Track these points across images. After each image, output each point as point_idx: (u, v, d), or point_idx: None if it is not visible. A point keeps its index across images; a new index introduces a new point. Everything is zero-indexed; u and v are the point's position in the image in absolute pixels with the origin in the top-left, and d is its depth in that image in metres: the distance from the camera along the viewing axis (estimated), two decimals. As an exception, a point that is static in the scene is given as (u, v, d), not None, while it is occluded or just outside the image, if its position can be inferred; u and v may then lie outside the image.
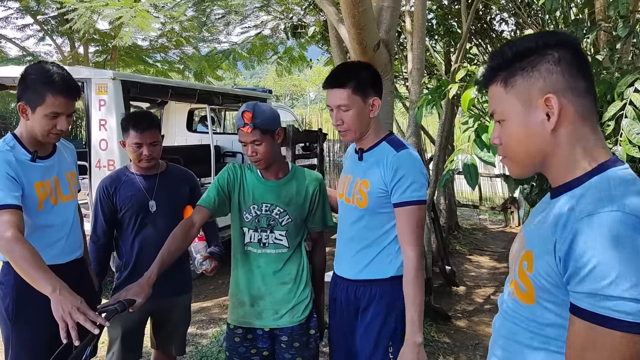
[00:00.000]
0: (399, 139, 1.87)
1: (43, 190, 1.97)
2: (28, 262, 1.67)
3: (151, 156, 2.41)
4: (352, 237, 1.90)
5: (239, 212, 2.05)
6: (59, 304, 1.57)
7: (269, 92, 7.14)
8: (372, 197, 1.81)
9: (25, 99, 1.89)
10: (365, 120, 1.81)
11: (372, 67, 1.88)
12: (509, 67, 1.03)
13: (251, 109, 1.92)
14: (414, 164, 1.78)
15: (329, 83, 1.82)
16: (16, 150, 1.93)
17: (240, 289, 2.07)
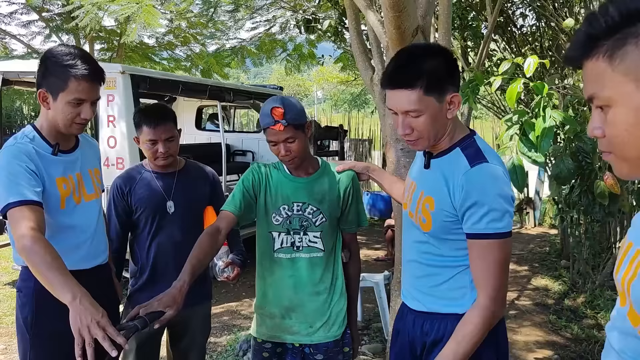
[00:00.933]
0: (477, 147, 1.42)
1: (65, 187, 1.78)
2: (47, 265, 1.47)
3: (167, 153, 2.20)
4: (416, 259, 1.55)
5: (266, 216, 1.84)
6: (78, 315, 1.37)
7: (280, 89, 6.94)
8: (437, 221, 1.43)
9: (45, 85, 1.70)
10: (442, 123, 1.41)
11: (445, 50, 1.44)
12: (616, 34, 0.76)
13: (281, 104, 1.71)
14: (492, 185, 1.36)
15: (390, 82, 1.41)
16: (36, 142, 1.75)
17: (269, 300, 1.86)
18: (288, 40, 9.29)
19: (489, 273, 1.35)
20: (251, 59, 9.86)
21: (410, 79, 1.36)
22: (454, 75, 1.41)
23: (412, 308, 1.55)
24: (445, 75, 1.39)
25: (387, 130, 2.65)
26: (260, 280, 1.91)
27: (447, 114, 1.40)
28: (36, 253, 1.49)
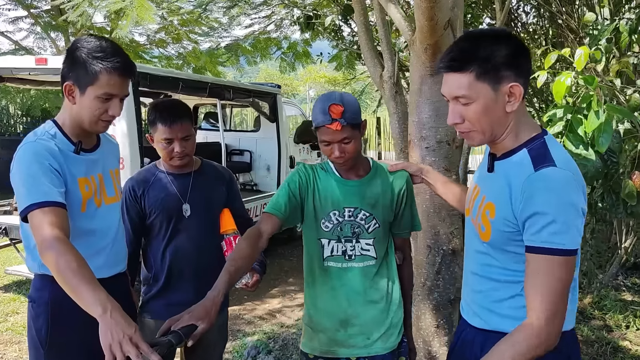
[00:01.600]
0: (546, 148, 1.25)
1: (87, 189, 1.65)
2: (75, 273, 1.33)
3: (184, 153, 2.07)
4: (476, 272, 1.41)
5: (316, 222, 1.71)
6: (109, 330, 1.24)
7: (277, 87, 6.80)
8: (496, 231, 1.29)
9: (72, 78, 1.57)
10: (498, 116, 1.25)
11: (511, 36, 1.27)
12: None
13: (340, 101, 1.57)
14: (558, 192, 1.18)
15: (444, 64, 1.28)
16: (58, 139, 1.61)
17: (321, 312, 1.73)
18: (283, 38, 9.14)
19: (545, 294, 1.17)
20: (245, 57, 9.69)
21: (461, 62, 1.23)
22: (519, 64, 1.24)
23: (472, 325, 1.41)
24: (505, 62, 1.22)
25: (410, 128, 2.53)
26: (310, 290, 1.78)
27: (506, 107, 1.24)
28: (62, 259, 1.35)
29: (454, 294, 2.56)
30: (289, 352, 3.60)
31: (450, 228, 2.53)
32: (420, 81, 2.41)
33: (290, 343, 3.76)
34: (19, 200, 1.49)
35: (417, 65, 2.39)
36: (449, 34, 2.23)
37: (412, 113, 2.51)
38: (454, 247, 2.53)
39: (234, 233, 2.17)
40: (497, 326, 1.33)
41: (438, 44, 2.20)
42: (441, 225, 2.50)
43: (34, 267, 1.65)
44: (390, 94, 3.75)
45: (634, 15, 2.82)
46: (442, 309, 2.56)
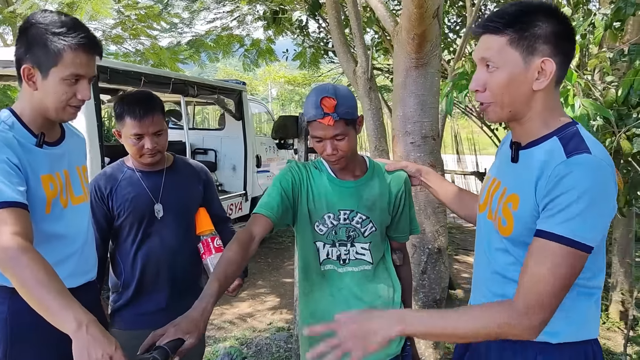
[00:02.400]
0: (581, 136, 1.13)
1: (52, 187, 1.45)
2: (42, 285, 1.16)
3: (156, 149, 1.91)
4: (494, 270, 1.27)
5: (310, 224, 1.58)
6: (86, 348, 1.09)
7: (243, 84, 6.61)
8: (520, 224, 1.16)
9: (31, 60, 1.36)
10: (523, 91, 1.14)
11: (558, 12, 1.15)
12: None
13: (333, 95, 1.45)
14: (593, 181, 1.05)
15: (481, 24, 1.17)
16: (16, 130, 1.40)
17: (319, 320, 1.59)
18: (245, 35, 8.95)
19: (542, 282, 1.06)
20: (207, 53, 9.43)
21: (498, 24, 1.13)
22: (559, 43, 1.12)
23: None
24: (545, 35, 1.11)
25: (394, 123, 2.44)
26: (306, 297, 1.65)
27: (534, 84, 1.13)
28: (25, 268, 1.17)
29: (440, 293, 2.48)
30: (263, 358, 3.45)
31: (436, 226, 2.45)
32: (405, 74, 2.32)
33: (265, 348, 3.61)
34: None
35: (402, 57, 2.30)
36: (435, 23, 2.15)
37: (395, 107, 2.42)
38: (440, 245, 2.46)
39: (212, 234, 2.02)
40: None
41: (425, 33, 2.12)
42: (427, 223, 2.42)
43: None
44: (364, 90, 3.67)
45: (609, 10, 2.82)
46: (428, 309, 2.49)
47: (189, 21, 8.62)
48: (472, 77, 1.19)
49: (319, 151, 1.54)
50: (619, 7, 2.78)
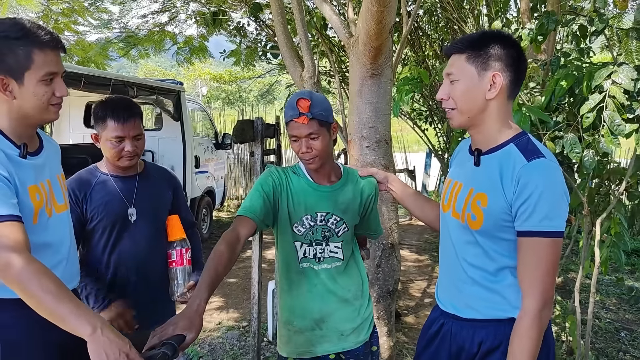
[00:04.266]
0: (534, 143, 1.39)
1: (38, 197, 1.46)
2: (53, 295, 1.20)
3: (135, 152, 1.98)
4: (464, 264, 1.48)
5: (290, 225, 1.70)
6: (103, 349, 1.15)
7: (180, 84, 6.54)
8: (489, 218, 1.38)
9: (3, 71, 1.36)
10: (479, 99, 1.38)
11: (511, 39, 1.41)
12: None
13: (308, 97, 1.60)
14: (551, 181, 1.31)
15: (449, 47, 1.44)
16: (0, 142, 1.40)
17: (297, 314, 1.72)
18: (179, 33, 8.80)
19: (538, 275, 1.30)
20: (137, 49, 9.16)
21: (461, 45, 1.41)
22: (508, 62, 1.37)
23: (462, 317, 1.48)
24: (496, 55, 1.37)
25: (351, 128, 2.61)
26: (285, 295, 1.77)
27: (487, 94, 1.38)
28: (32, 279, 1.21)
29: (393, 285, 2.69)
30: (218, 357, 3.52)
31: (389, 223, 2.65)
32: (360, 82, 2.49)
33: (218, 347, 3.67)
34: None
35: (358, 67, 2.47)
36: (389, 37, 2.34)
37: (352, 113, 2.59)
38: (393, 241, 2.66)
39: (185, 245, 2.10)
40: (491, 314, 1.42)
41: (381, 46, 2.30)
42: (382, 220, 2.61)
43: None
44: (311, 94, 3.80)
45: (534, 25, 3.15)
46: (382, 300, 2.68)
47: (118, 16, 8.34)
48: (439, 89, 1.44)
49: (295, 150, 1.67)
50: (542, 23, 3.12)
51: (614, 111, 2.65)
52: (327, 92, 6.68)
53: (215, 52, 8.64)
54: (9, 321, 1.42)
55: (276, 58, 6.70)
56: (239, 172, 10.48)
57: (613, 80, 2.65)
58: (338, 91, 6.38)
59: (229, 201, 10.03)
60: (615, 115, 2.66)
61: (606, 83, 2.66)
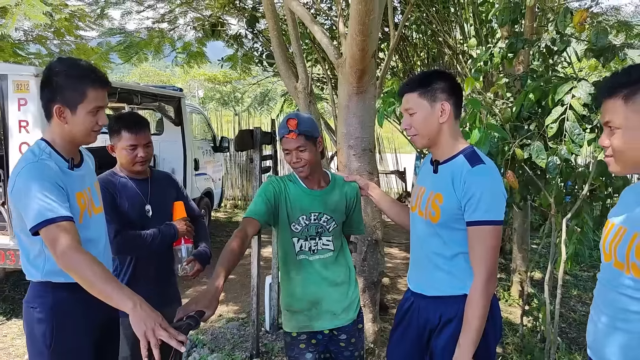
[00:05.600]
0: (477, 154, 1.75)
1: (83, 201, 1.81)
2: (100, 277, 1.52)
3: (146, 158, 2.35)
4: (427, 253, 1.83)
5: (288, 224, 2.05)
6: (142, 321, 1.44)
7: (180, 91, 6.86)
8: (445, 213, 1.74)
9: (61, 101, 1.71)
10: (434, 124, 1.76)
11: (446, 74, 1.83)
12: (631, 87, 1.26)
13: (295, 117, 1.96)
14: (489, 182, 1.68)
15: (402, 89, 1.82)
16: (53, 157, 1.75)
17: (297, 298, 2.07)
18: (178, 38, 9.10)
19: (485, 256, 1.66)
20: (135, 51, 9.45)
21: (412, 86, 1.79)
22: (451, 92, 1.76)
23: (426, 295, 1.84)
24: (441, 88, 1.76)
25: (339, 138, 2.95)
26: (286, 282, 2.11)
27: (439, 119, 1.75)
28: (86, 267, 1.53)
29: (377, 277, 3.03)
30: (221, 344, 3.85)
31: (374, 222, 2.99)
32: (347, 98, 2.84)
33: (220, 335, 4.01)
34: (29, 215, 1.60)
35: (345, 85, 2.82)
36: (373, 61, 2.68)
37: (340, 125, 2.93)
38: (377, 237, 3.00)
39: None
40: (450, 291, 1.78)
41: (365, 69, 2.64)
42: (367, 219, 2.95)
43: (36, 276, 1.78)
44: (304, 103, 4.14)
45: (505, 44, 3.50)
46: (368, 290, 3.03)
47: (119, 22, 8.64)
48: (402, 121, 1.83)
49: (287, 161, 2.03)
50: (512, 42, 3.48)
51: (574, 122, 2.98)
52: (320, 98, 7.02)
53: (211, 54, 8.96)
54: (62, 300, 1.77)
55: (271, 66, 7.02)
56: (236, 173, 10.79)
57: (573, 94, 3.00)
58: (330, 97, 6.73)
59: (225, 201, 10.35)
60: (575, 125, 3.00)
61: (567, 97, 3.01)
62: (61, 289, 1.77)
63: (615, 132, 1.30)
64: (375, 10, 2.30)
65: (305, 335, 2.09)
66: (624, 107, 1.28)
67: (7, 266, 4.00)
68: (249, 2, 6.84)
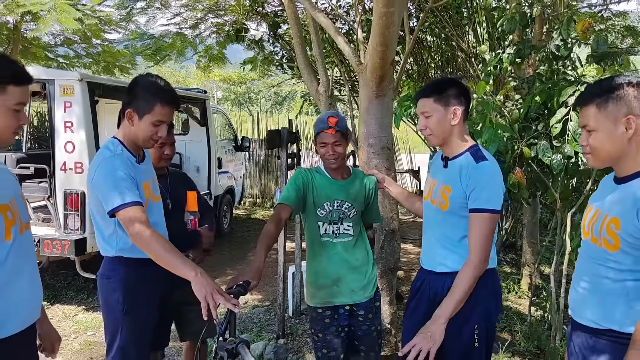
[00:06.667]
0: (482, 152, 2.02)
1: (147, 190, 2.14)
2: (168, 251, 1.84)
3: (170, 155, 2.68)
4: (438, 236, 2.10)
5: (314, 210, 2.34)
6: (203, 286, 1.73)
7: (204, 93, 7.21)
8: (452, 202, 2.01)
9: (133, 106, 2.05)
10: (447, 126, 2.02)
11: (457, 81, 2.10)
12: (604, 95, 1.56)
13: (335, 115, 2.27)
14: (491, 176, 1.95)
15: (420, 93, 2.09)
16: (124, 153, 2.08)
17: (321, 275, 2.37)
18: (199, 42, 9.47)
19: (479, 237, 1.93)
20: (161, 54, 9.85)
21: (428, 92, 2.06)
22: (460, 97, 2.04)
23: (436, 271, 2.12)
24: (453, 94, 2.02)
25: (360, 137, 3.25)
26: (311, 261, 2.41)
27: (451, 122, 2.02)
28: (156, 243, 1.86)
29: (394, 263, 3.33)
30: (249, 327, 4.18)
31: (391, 213, 3.29)
32: (368, 101, 3.14)
33: (247, 320, 4.34)
34: (108, 200, 1.94)
35: (366, 90, 3.12)
36: (391, 68, 2.98)
37: (361, 125, 3.23)
38: (394, 227, 3.30)
39: (196, 215, 2.77)
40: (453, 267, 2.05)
41: (384, 75, 2.94)
42: (384, 211, 3.25)
43: (110, 252, 2.12)
44: (325, 105, 4.45)
45: (513, 50, 3.78)
46: (385, 275, 3.32)
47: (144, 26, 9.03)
48: (418, 122, 2.10)
49: (322, 153, 2.32)
50: (519, 48, 3.75)
51: (577, 122, 3.23)
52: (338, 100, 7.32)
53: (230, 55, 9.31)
54: (132, 272, 2.11)
55: (291, 69, 7.34)
56: (255, 172, 11.15)
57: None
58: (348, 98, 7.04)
59: (244, 199, 10.70)
60: (578, 125, 3.25)
61: (571, 99, 3.26)
62: (131, 264, 2.11)
63: (592, 133, 1.59)
64: (394, 24, 2.60)
65: (330, 310, 2.38)
66: (597, 113, 1.57)
67: (53, 254, 4.36)
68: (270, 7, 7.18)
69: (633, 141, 1.54)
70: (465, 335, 2.02)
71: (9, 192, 1.58)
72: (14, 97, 1.51)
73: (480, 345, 2.04)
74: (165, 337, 2.47)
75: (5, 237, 1.50)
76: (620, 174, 1.61)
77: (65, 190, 4.34)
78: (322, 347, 2.38)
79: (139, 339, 2.15)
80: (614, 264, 1.56)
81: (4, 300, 1.50)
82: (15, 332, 1.54)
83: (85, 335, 4.14)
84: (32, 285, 1.64)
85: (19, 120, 1.55)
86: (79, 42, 10.11)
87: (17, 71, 1.53)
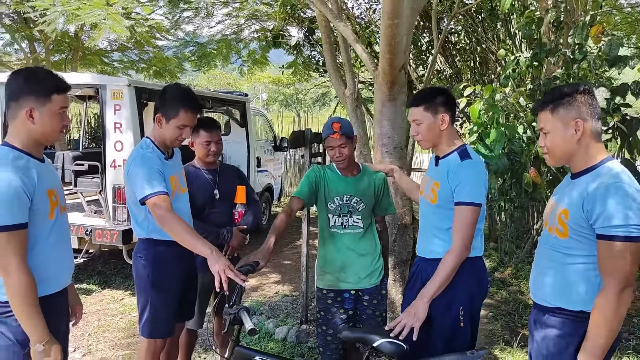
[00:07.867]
0: (468, 151, 2.22)
1: (174, 183, 2.48)
2: (189, 233, 2.18)
3: (217, 152, 2.99)
4: (429, 227, 2.31)
5: (325, 203, 2.61)
6: (217, 263, 2.03)
7: (245, 96, 7.61)
8: (441, 196, 2.22)
9: (162, 111, 2.40)
10: (436, 131, 2.23)
11: (444, 90, 2.31)
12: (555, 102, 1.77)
13: (338, 121, 2.52)
14: (473, 173, 2.15)
15: (410, 103, 2.32)
16: (155, 151, 2.43)
17: (328, 261, 2.63)
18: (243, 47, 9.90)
19: (463, 228, 2.12)
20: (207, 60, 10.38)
21: (418, 101, 2.27)
22: (448, 104, 2.25)
23: (429, 258, 2.32)
24: (441, 102, 2.23)
25: (375, 137, 3.50)
26: (322, 248, 2.68)
27: (441, 127, 2.24)
28: (177, 225, 2.20)
29: (406, 255, 3.56)
30: (276, 313, 4.50)
31: (403, 209, 3.52)
32: (381, 104, 3.39)
33: (276, 307, 4.67)
34: (139, 190, 2.28)
35: (379, 94, 3.37)
36: (402, 73, 3.22)
37: (376, 126, 3.48)
38: (406, 222, 3.53)
39: (244, 207, 3.09)
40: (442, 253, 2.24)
41: (395, 80, 3.18)
42: (397, 206, 3.48)
43: (142, 234, 2.48)
44: (351, 108, 4.71)
45: (529, 54, 3.91)
46: (397, 267, 3.55)
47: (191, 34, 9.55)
48: (411, 129, 2.31)
49: (330, 155, 2.58)
50: (535, 52, 3.89)
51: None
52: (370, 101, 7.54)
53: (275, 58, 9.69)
54: (160, 252, 2.46)
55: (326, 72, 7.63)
56: (294, 171, 11.50)
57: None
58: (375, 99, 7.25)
59: (284, 198, 11.07)
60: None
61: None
62: (159, 244, 2.47)
63: (547, 136, 1.80)
64: (399, 34, 2.84)
65: (333, 293, 2.63)
66: (551, 117, 1.78)
67: (103, 243, 4.82)
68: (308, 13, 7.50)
69: (582, 142, 1.74)
70: (452, 315, 2.23)
71: (54, 181, 1.94)
72: (57, 103, 1.83)
73: (465, 325, 2.25)
74: (190, 310, 2.81)
75: (50, 216, 1.86)
76: (573, 171, 1.81)
77: (114, 185, 4.80)
78: (322, 324, 2.65)
79: (166, 309, 2.50)
80: (564, 249, 1.77)
81: (50, 264, 1.87)
82: (56, 290, 1.91)
83: (130, 316, 4.58)
84: (67, 256, 2.01)
85: (63, 121, 1.87)
86: (132, 48, 10.81)
87: (58, 82, 1.85)
